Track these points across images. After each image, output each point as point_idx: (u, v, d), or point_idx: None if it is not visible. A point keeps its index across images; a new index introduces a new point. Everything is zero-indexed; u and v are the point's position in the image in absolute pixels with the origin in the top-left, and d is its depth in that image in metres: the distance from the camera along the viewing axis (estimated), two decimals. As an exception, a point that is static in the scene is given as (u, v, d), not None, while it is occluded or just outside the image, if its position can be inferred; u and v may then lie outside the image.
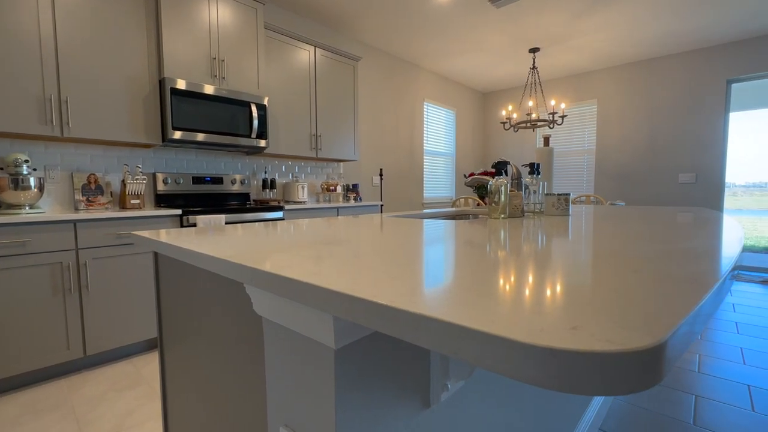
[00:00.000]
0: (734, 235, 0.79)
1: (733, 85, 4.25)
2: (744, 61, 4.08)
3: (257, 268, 0.50)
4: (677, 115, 4.51)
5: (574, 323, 0.28)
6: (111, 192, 2.47)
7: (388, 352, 0.53)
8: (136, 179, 2.38)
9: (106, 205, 2.40)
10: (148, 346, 2.27)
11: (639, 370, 0.23)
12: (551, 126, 4.24)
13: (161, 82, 2.41)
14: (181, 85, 2.42)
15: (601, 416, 1.60)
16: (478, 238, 0.81)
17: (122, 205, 2.42)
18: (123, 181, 2.41)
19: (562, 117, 4.11)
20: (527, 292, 0.38)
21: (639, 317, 0.29)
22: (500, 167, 1.33)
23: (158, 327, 1.07)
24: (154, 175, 2.67)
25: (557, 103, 5.39)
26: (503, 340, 0.26)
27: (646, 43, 4.18)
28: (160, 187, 2.66)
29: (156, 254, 1.04)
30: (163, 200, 2.68)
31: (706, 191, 4.38)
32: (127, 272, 2.11)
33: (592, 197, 3.91)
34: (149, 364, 2.07)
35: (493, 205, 1.30)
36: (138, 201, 2.41)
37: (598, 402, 1.59)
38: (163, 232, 0.98)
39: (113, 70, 2.23)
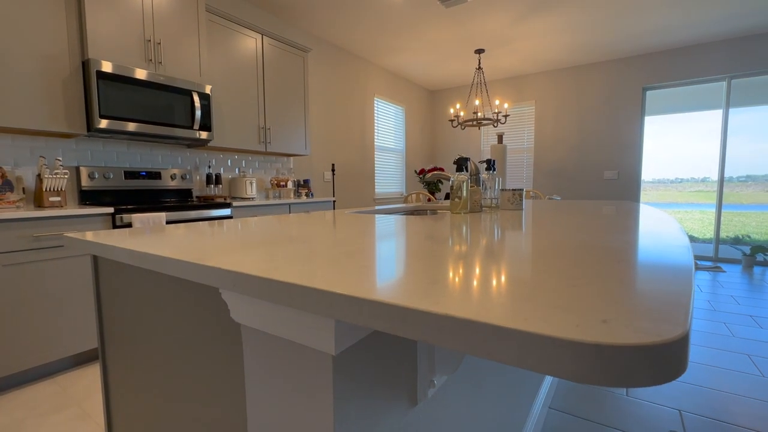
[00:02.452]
0: (674, 226, 0.88)
1: (648, 92, 4.79)
2: (657, 71, 4.62)
3: (242, 273, 0.45)
4: (602, 117, 4.99)
5: (602, 317, 0.29)
6: (23, 188, 2.14)
7: (378, 353, 0.52)
8: (56, 173, 2.09)
9: (18, 203, 2.08)
10: (75, 362, 2.01)
11: (676, 359, 0.24)
12: (495, 125, 4.47)
13: (85, 64, 2.13)
14: (107, 67, 2.16)
15: (550, 396, 1.72)
16: (456, 234, 0.82)
17: (38, 203, 2.11)
18: (39, 175, 2.10)
19: (506, 116, 4.35)
20: (539, 286, 0.38)
21: (656, 307, 0.31)
22: (461, 163, 1.36)
23: (100, 342, 0.95)
24: (77, 169, 2.36)
25: (501, 103, 5.69)
26: (546, 339, 0.25)
27: (575, 50, 4.55)
28: (86, 182, 2.36)
29: (95, 258, 0.91)
30: (88, 197, 2.39)
31: (626, 186, 4.91)
32: (48, 279, 1.84)
33: (531, 192, 4.19)
34: (78, 382, 1.84)
35: (456, 200, 1.33)
36: (58, 198, 2.12)
37: (547, 384, 1.71)
38: (104, 233, 0.86)
39: (23, 47, 1.92)
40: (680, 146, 4.75)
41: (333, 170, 4.21)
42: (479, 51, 4.53)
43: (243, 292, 0.46)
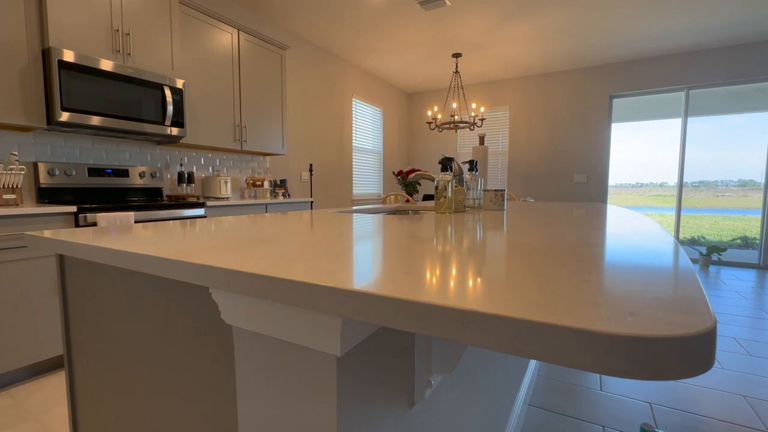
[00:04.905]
0: (656, 226, 0.91)
1: (615, 100, 5.03)
2: (624, 80, 4.86)
3: (241, 271, 0.42)
4: (572, 123, 5.19)
5: (627, 310, 0.28)
6: (-28, 184, 1.97)
7: (377, 354, 0.50)
8: (11, 169, 1.93)
9: (-34, 201, 1.90)
10: (31, 373, 1.86)
11: (708, 350, 0.24)
12: (472, 128, 4.55)
13: (45, 53, 1.99)
14: (69, 57, 2.03)
15: (530, 393, 1.76)
16: (451, 233, 0.81)
17: (-10, 200, 1.94)
18: (-9, 171, 1.93)
19: (482, 120, 4.43)
20: (554, 281, 0.38)
21: (676, 300, 0.31)
22: (446, 163, 1.37)
23: (66, 349, 0.88)
24: (35, 165, 2.20)
25: (477, 107, 5.80)
26: (582, 333, 0.25)
27: (547, 57, 4.72)
28: (44, 179, 2.20)
29: (61, 258, 0.84)
30: (47, 195, 2.22)
31: (594, 190, 5.12)
32: (0, 284, 1.70)
33: (506, 194, 4.29)
34: (35, 394, 1.70)
35: (441, 200, 1.33)
36: (14, 196, 1.96)
37: (526, 381, 1.74)
38: (69, 231, 0.80)
39: (-26, 31, 1.77)
40: (642, 152, 5.02)
41: (311, 170, 4.14)
42: (456, 55, 4.60)
43: (239, 292, 0.43)
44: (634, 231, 0.81)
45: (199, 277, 0.47)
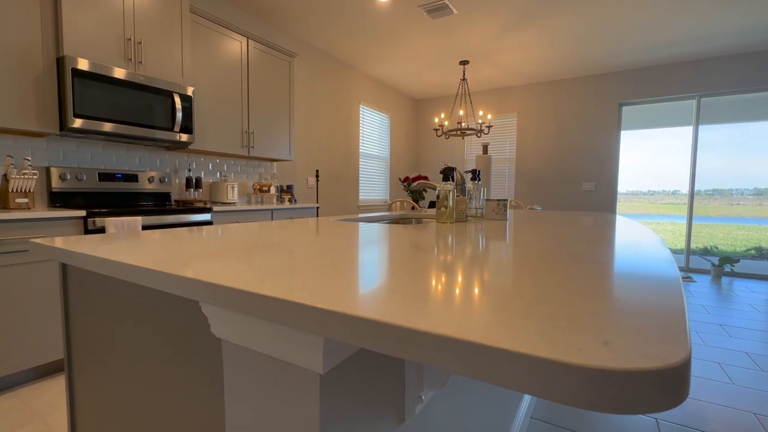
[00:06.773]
0: (656, 239, 0.90)
1: (624, 108, 4.98)
2: (633, 88, 4.81)
3: (225, 286, 0.43)
4: (581, 130, 5.14)
5: (602, 338, 0.28)
6: (-13, 188, 2.02)
7: (365, 369, 0.50)
8: (24, 174, 1.98)
9: (-20, 205, 1.96)
10: (38, 374, 1.90)
11: (681, 384, 0.24)
12: (479, 135, 4.54)
13: (59, 61, 2.05)
14: (83, 65, 2.08)
15: (532, 406, 1.73)
16: (447, 245, 0.81)
17: (4, 204, 2.00)
18: (5, 175, 1.99)
19: (489, 127, 4.42)
20: (537, 302, 0.37)
21: (654, 325, 0.30)
22: (448, 173, 1.37)
23: (66, 354, 0.89)
24: (47, 170, 2.25)
25: (484, 114, 5.79)
26: (550, 363, 0.24)
27: (555, 65, 4.69)
28: (56, 183, 2.26)
29: (64, 266, 0.86)
30: (59, 199, 2.28)
31: (603, 198, 5.06)
32: (11, 286, 1.73)
33: (513, 202, 4.26)
34: (41, 396, 1.73)
35: (442, 209, 1.32)
36: (26, 200, 2.01)
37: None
38: (74, 239, 0.82)
39: (-7, 41, 1.83)
40: (653, 160, 4.95)
41: (317, 176, 4.17)
42: (464, 62, 4.61)
43: (225, 307, 0.43)
44: (632, 245, 0.79)
45: (188, 291, 0.47)
